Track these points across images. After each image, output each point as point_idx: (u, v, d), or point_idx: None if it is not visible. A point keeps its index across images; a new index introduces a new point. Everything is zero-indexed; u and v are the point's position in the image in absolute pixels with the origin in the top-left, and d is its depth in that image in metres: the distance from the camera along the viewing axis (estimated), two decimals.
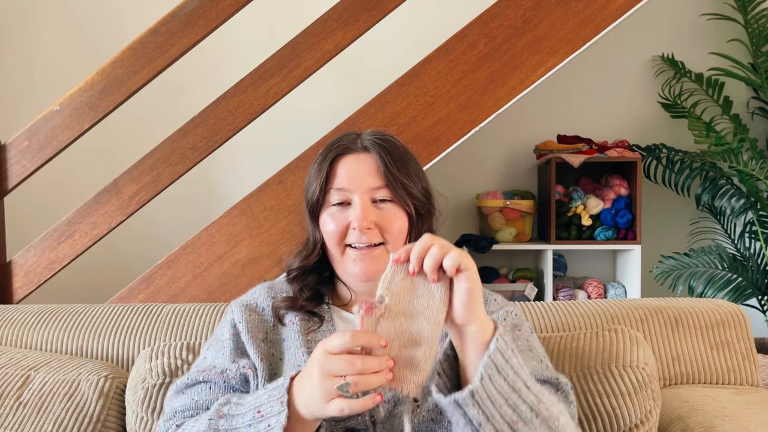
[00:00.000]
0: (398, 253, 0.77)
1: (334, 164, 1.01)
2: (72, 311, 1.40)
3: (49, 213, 2.65)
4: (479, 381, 0.76)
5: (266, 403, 0.81)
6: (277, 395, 0.81)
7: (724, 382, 1.31)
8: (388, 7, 2.00)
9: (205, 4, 2.00)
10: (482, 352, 0.77)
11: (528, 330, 1.02)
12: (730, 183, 2.85)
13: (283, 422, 0.78)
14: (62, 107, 2.06)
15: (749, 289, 2.59)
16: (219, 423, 0.84)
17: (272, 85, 2.03)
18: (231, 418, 0.84)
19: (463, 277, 0.75)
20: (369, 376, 0.72)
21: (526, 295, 2.83)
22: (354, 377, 0.71)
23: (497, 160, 3.12)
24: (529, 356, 0.96)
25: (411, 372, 0.74)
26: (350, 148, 1.01)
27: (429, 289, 0.77)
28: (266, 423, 0.80)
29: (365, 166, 0.99)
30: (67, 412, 1.15)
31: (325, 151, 1.03)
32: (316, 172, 1.02)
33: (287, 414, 0.79)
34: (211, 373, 0.98)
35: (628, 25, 2.87)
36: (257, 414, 0.81)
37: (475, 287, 0.76)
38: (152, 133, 2.42)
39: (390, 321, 0.75)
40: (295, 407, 0.79)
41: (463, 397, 0.76)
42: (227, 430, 0.83)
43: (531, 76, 1.99)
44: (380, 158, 0.99)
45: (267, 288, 1.08)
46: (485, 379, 0.76)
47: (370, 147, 1.00)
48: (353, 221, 0.97)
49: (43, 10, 3.05)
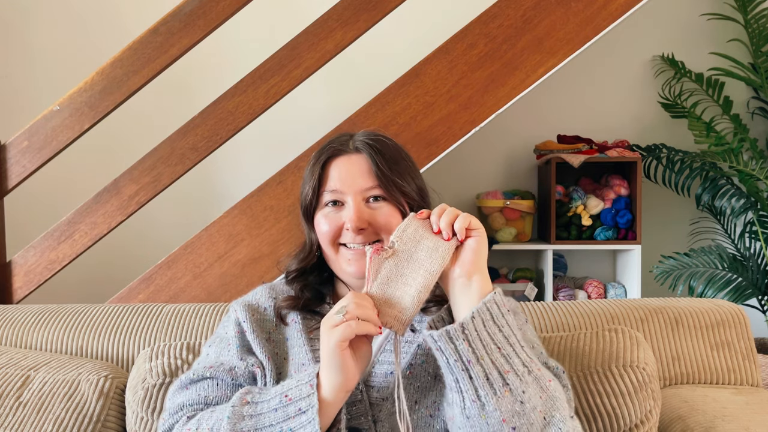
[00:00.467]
0: (420, 212, 0.89)
1: (326, 166, 1.01)
2: (72, 311, 1.40)
3: (49, 213, 2.65)
4: (470, 318, 0.81)
5: (294, 387, 0.83)
6: (305, 379, 0.84)
7: (724, 382, 1.31)
8: (388, 7, 2.00)
9: (205, 4, 2.00)
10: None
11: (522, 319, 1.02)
12: (730, 183, 2.85)
13: (315, 404, 0.81)
14: (62, 107, 2.06)
15: (749, 289, 2.59)
16: (243, 409, 0.85)
17: (272, 85, 2.03)
18: (256, 404, 0.85)
19: (473, 234, 0.86)
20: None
21: (526, 295, 2.83)
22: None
23: (497, 160, 3.12)
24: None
25: (398, 310, 0.84)
26: (342, 150, 1.02)
27: (436, 244, 0.87)
28: (296, 406, 0.82)
29: (357, 167, 0.99)
30: (67, 412, 1.15)
31: (317, 154, 1.03)
32: (309, 174, 1.03)
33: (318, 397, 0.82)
34: (219, 370, 0.98)
35: (628, 25, 2.87)
36: (284, 398, 0.83)
37: (482, 245, 0.87)
38: (152, 133, 2.42)
39: (393, 262, 0.86)
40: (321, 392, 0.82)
41: (454, 329, 0.81)
42: (252, 416, 0.84)
43: (531, 76, 1.99)
44: (371, 159, 0.99)
45: (268, 289, 1.09)
46: (476, 319, 0.81)
47: (362, 147, 1.00)
48: (347, 222, 0.97)
49: (44, 10, 3.05)
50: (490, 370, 0.79)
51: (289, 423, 0.82)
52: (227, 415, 0.85)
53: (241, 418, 0.84)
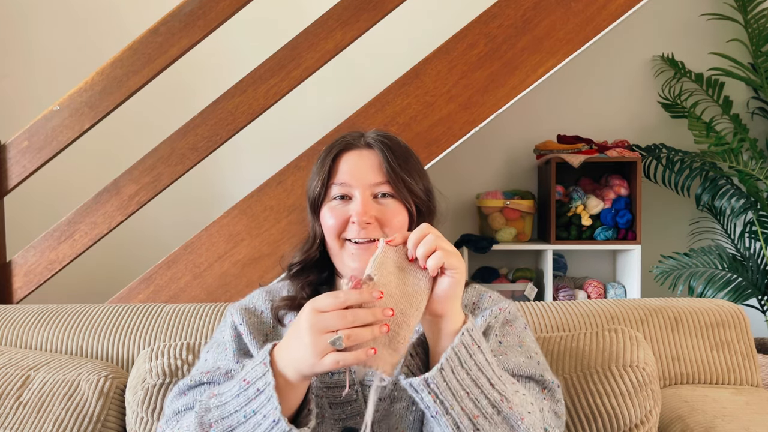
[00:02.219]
0: (393, 237, 0.80)
1: (336, 160, 1.02)
2: (72, 311, 1.40)
3: (49, 213, 2.65)
4: (437, 371, 0.78)
5: (250, 370, 0.81)
6: (259, 359, 0.81)
7: (724, 382, 1.31)
8: (388, 7, 2.00)
9: (205, 4, 2.00)
10: (449, 343, 0.80)
11: (521, 326, 1.02)
12: (730, 183, 2.85)
13: (271, 381, 0.78)
14: (62, 107, 2.06)
15: (749, 289, 2.59)
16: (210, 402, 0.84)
17: (272, 85, 2.03)
18: (220, 395, 0.84)
19: (449, 275, 0.79)
20: (361, 329, 0.72)
21: (526, 295, 2.83)
22: (346, 330, 0.72)
23: (497, 160, 3.12)
24: (518, 351, 0.96)
25: (387, 351, 0.75)
26: (353, 144, 1.03)
27: (416, 276, 0.79)
28: (254, 388, 0.80)
29: (367, 161, 1.00)
30: (67, 412, 1.15)
31: (328, 147, 1.04)
32: (318, 167, 1.03)
33: (273, 373, 0.78)
34: (216, 374, 0.98)
35: (628, 25, 2.87)
36: (243, 383, 0.81)
37: (457, 286, 0.80)
38: (152, 133, 2.42)
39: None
40: (280, 370, 0.79)
41: (417, 383, 0.78)
42: (218, 406, 0.83)
43: (531, 76, 1.99)
44: (382, 154, 1.00)
45: (264, 292, 1.09)
46: (445, 370, 0.78)
47: (373, 143, 1.02)
48: (353, 215, 0.98)
49: (44, 10, 3.05)
50: (460, 418, 0.79)
51: (251, 405, 0.80)
52: (195, 410, 0.85)
53: (208, 410, 0.83)
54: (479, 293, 1.05)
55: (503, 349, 0.95)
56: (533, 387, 0.93)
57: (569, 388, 1.14)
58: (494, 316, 1.00)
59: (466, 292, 1.05)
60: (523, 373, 0.93)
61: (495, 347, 0.95)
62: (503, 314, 1.01)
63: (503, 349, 0.95)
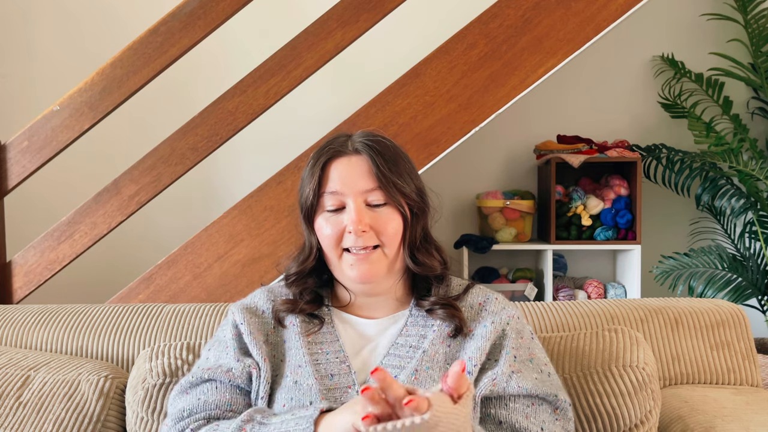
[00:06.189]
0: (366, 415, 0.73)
1: (326, 168, 1.01)
2: (72, 311, 1.40)
3: (49, 213, 2.65)
4: None
5: (293, 430, 0.82)
6: (303, 424, 0.82)
7: (724, 382, 1.31)
8: (388, 7, 2.00)
9: (205, 4, 2.00)
10: None
11: (529, 335, 1.02)
12: (730, 183, 2.85)
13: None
14: (62, 107, 2.06)
15: (749, 289, 2.59)
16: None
17: (272, 85, 2.03)
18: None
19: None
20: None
21: (526, 295, 2.83)
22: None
23: (497, 160, 3.12)
24: (529, 367, 0.97)
25: None
26: (341, 151, 1.01)
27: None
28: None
29: (357, 168, 0.99)
30: (67, 412, 1.15)
31: (316, 155, 1.03)
32: (308, 176, 1.02)
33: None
34: (217, 372, 0.98)
35: (628, 25, 2.87)
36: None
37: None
38: (152, 133, 2.42)
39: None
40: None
41: None
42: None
43: (531, 76, 1.99)
44: (372, 160, 0.99)
45: (266, 291, 1.09)
46: None
47: (362, 149, 1.00)
48: (348, 225, 0.97)
49: (44, 10, 3.05)
50: None
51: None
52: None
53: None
54: (485, 294, 1.05)
55: (518, 366, 0.96)
56: (546, 409, 0.95)
57: (569, 388, 1.14)
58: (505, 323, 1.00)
59: (471, 293, 1.06)
60: (538, 393, 0.95)
61: (511, 362, 0.96)
62: (513, 323, 1.01)
63: (518, 365, 0.96)
